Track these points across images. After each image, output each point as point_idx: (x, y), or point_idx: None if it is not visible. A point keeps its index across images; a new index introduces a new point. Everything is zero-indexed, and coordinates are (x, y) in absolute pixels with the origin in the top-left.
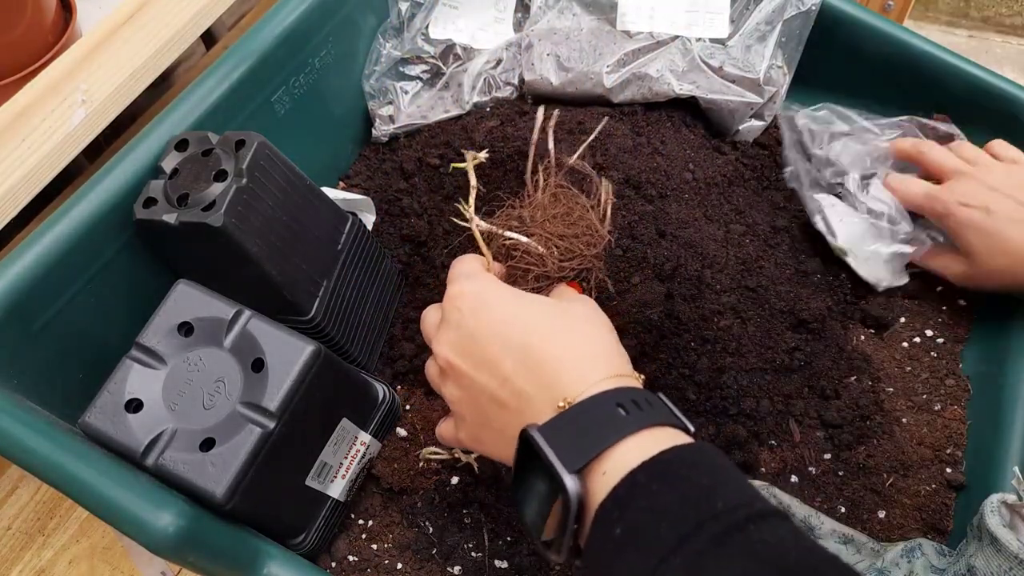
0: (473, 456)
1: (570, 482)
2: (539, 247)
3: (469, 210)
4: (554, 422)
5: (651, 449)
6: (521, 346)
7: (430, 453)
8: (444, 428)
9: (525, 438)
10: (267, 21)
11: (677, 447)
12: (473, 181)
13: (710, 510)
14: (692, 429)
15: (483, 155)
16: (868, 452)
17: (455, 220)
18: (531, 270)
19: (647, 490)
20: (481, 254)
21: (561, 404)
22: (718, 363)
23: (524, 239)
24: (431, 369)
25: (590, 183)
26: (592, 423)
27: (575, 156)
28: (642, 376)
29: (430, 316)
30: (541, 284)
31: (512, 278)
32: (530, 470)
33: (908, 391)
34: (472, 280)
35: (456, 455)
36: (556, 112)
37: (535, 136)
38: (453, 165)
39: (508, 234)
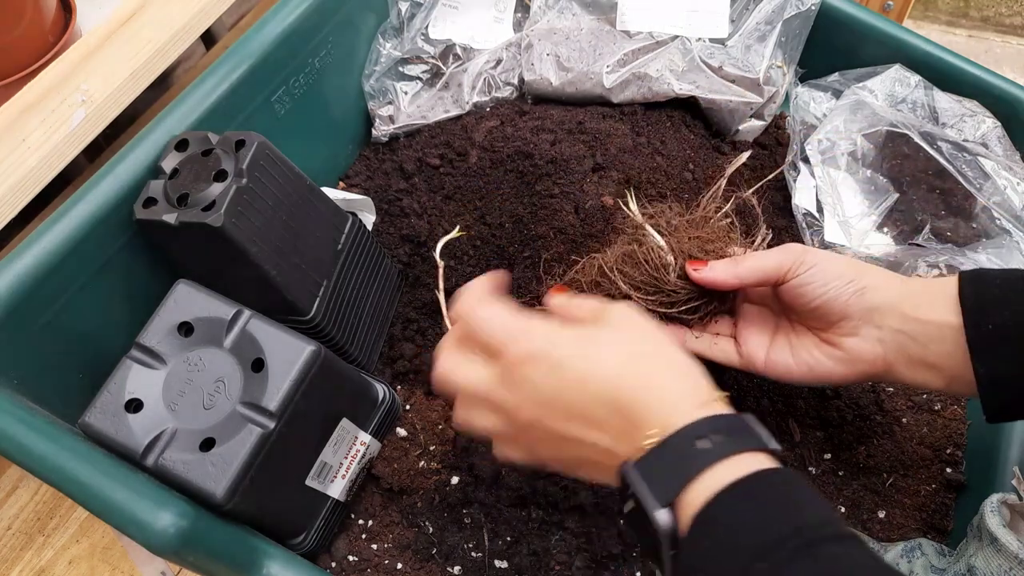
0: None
1: (662, 516)
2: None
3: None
4: (647, 459)
5: (736, 473)
6: (609, 399)
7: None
8: (478, 433)
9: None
10: (267, 21)
11: (761, 471)
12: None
13: (792, 526)
14: (779, 449)
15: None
16: (868, 452)
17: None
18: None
19: (731, 508)
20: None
21: (652, 434)
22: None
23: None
24: (470, 415)
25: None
26: (681, 456)
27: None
28: (726, 393)
29: (456, 366)
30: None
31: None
32: (628, 497)
33: (908, 391)
34: (529, 338)
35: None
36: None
37: (728, 172)
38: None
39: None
